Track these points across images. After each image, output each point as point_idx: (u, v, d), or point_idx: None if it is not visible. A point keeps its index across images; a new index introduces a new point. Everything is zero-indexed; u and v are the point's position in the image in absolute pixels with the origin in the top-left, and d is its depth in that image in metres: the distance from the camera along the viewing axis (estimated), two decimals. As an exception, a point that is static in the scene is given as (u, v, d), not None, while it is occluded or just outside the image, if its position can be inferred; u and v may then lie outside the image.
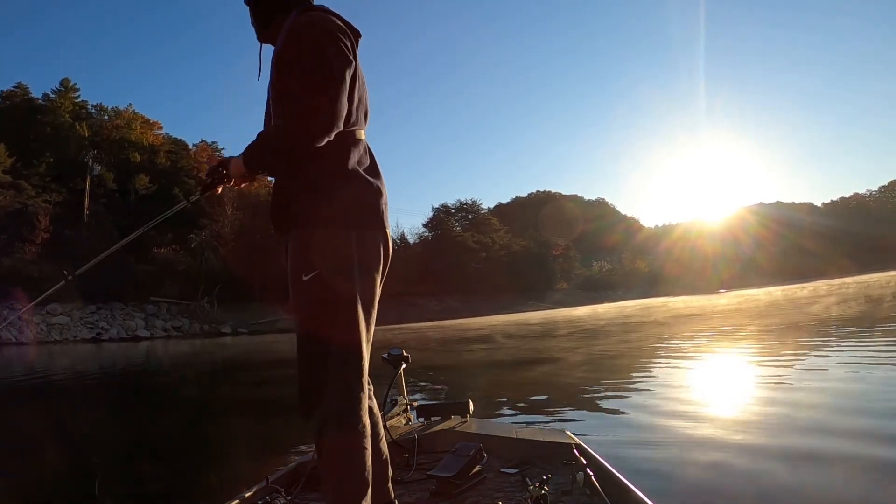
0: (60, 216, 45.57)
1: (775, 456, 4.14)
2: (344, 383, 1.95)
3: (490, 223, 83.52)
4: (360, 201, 2.04)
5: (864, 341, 10.50)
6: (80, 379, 15.45)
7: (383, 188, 2.15)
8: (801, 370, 8.02)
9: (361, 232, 2.02)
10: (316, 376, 1.95)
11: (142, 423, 7.96)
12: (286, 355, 14.94)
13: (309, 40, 1.93)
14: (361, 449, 1.95)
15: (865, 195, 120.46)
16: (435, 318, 47.09)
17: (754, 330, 15.58)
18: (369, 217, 2.06)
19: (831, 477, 3.65)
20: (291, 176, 2.03)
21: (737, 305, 30.13)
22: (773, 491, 3.49)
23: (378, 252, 2.08)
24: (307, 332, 1.98)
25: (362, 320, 1.99)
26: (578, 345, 15.51)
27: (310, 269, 1.95)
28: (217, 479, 4.76)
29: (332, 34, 1.96)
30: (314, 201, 1.98)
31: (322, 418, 1.92)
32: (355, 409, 1.96)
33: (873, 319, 14.67)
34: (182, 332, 45.19)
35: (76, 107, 59.68)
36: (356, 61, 2.04)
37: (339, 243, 1.96)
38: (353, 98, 2.04)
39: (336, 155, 2.01)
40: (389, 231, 2.16)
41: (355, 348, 1.98)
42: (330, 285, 1.94)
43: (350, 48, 2.00)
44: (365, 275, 2.02)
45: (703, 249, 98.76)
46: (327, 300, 1.95)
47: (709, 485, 3.65)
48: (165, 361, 21.79)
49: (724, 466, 4.01)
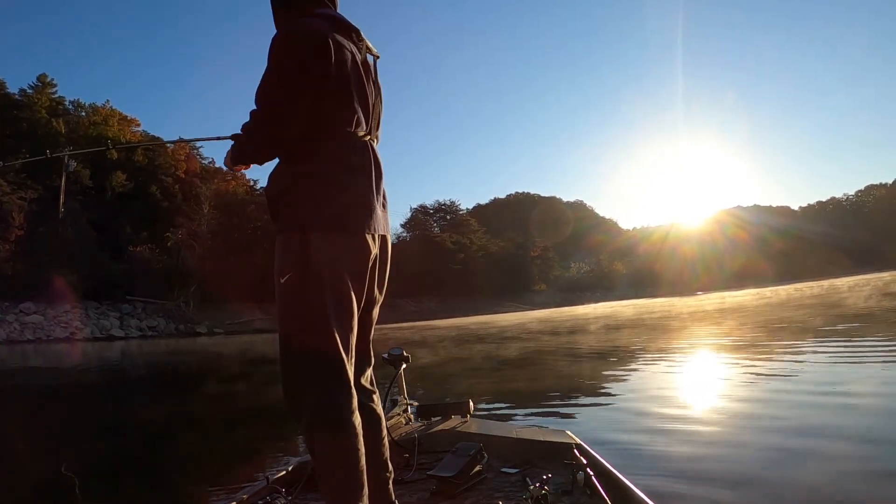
0: (35, 213, 44.75)
1: (775, 455, 4.20)
2: (321, 384, 1.97)
3: (468, 224, 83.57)
4: (335, 204, 2.04)
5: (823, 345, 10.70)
6: (80, 376, 15.35)
7: (371, 188, 2.15)
8: (792, 371, 8.17)
9: (333, 235, 2.03)
10: (296, 378, 1.98)
11: (141, 422, 7.88)
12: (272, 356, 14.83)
13: (274, 51, 2.01)
14: (352, 449, 1.96)
15: (843, 199, 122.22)
16: (411, 319, 46.91)
17: (734, 331, 15.76)
18: (343, 220, 2.06)
19: (830, 477, 3.70)
20: (274, 175, 2.11)
21: (717, 306, 30.45)
22: (774, 491, 3.54)
23: (355, 254, 2.08)
24: (285, 333, 2.02)
25: (337, 323, 2.01)
26: (565, 344, 15.57)
27: (286, 272, 1.99)
28: (217, 479, 4.72)
29: (297, 47, 2.01)
30: (290, 205, 2.02)
31: (307, 420, 1.95)
32: (338, 409, 1.97)
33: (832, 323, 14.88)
34: (157, 331, 44.47)
35: (53, 103, 58.65)
36: (340, 62, 2.06)
37: (310, 247, 1.98)
38: (329, 96, 2.06)
39: (311, 155, 2.05)
40: (374, 232, 2.14)
41: (330, 349, 1.99)
42: (303, 287, 1.98)
43: (318, 51, 2.01)
44: (337, 278, 2.02)
45: (681, 252, 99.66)
46: (300, 302, 1.99)
47: (708, 485, 3.67)
48: (140, 360, 21.59)
49: (724, 466, 4.05)
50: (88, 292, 42.59)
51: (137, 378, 15.25)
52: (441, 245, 71.92)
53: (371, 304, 2.26)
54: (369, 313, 2.27)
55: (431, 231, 78.78)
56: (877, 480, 3.59)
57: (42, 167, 45.78)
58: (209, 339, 37.19)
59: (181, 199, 58.27)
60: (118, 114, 62.81)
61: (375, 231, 2.13)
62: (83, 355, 24.58)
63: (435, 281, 65.75)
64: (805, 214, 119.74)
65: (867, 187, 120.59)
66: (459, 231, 79.23)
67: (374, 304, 2.29)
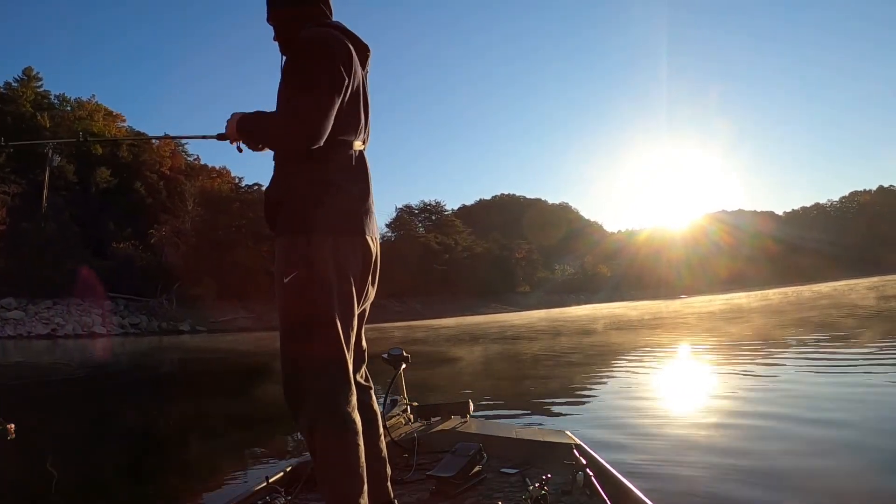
0: (18, 208, 44.24)
1: (775, 455, 4.24)
2: (324, 383, 2.01)
3: (453, 225, 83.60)
4: (341, 208, 2.12)
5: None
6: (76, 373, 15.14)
7: (368, 194, 2.25)
8: (792, 370, 8.30)
9: (339, 237, 2.10)
10: (298, 377, 2.02)
11: (135, 422, 7.81)
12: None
13: (305, 52, 2.07)
14: (353, 446, 2.00)
15: (827, 205, 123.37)
16: (395, 319, 46.82)
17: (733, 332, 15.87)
18: (349, 223, 2.14)
19: (832, 477, 3.73)
20: (278, 180, 2.16)
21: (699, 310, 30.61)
22: (774, 491, 3.56)
23: (357, 256, 2.16)
24: (289, 332, 2.06)
25: (340, 322, 2.06)
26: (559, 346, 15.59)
27: (289, 273, 2.04)
28: (216, 479, 4.70)
29: (326, 49, 2.07)
30: (297, 208, 2.08)
31: (309, 418, 1.98)
32: (340, 407, 2.01)
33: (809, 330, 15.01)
34: (140, 329, 44.10)
35: (38, 97, 58.04)
36: (356, 75, 2.17)
37: (316, 249, 2.04)
38: (344, 108, 2.12)
39: (322, 162, 2.10)
40: (374, 235, 2.25)
41: (334, 349, 2.04)
42: (307, 288, 2.03)
43: (347, 63, 2.10)
44: (343, 278, 2.09)
45: (666, 255, 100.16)
46: (304, 303, 2.03)
47: (708, 485, 3.69)
48: (124, 359, 21.32)
49: (724, 466, 4.07)
50: (70, 289, 42.17)
51: (126, 376, 15.04)
52: (426, 245, 71.86)
53: (366, 303, 2.34)
54: (364, 312, 2.35)
55: (416, 231, 78.68)
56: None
57: (26, 162, 45.33)
58: (193, 338, 36.92)
59: (165, 195, 57.87)
60: (103, 108, 62.36)
61: (374, 234, 2.26)
62: (65, 352, 24.31)
63: (419, 281, 65.63)
64: (790, 220, 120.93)
65: (851, 193, 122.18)
66: (444, 232, 79.24)
67: (368, 302, 2.37)
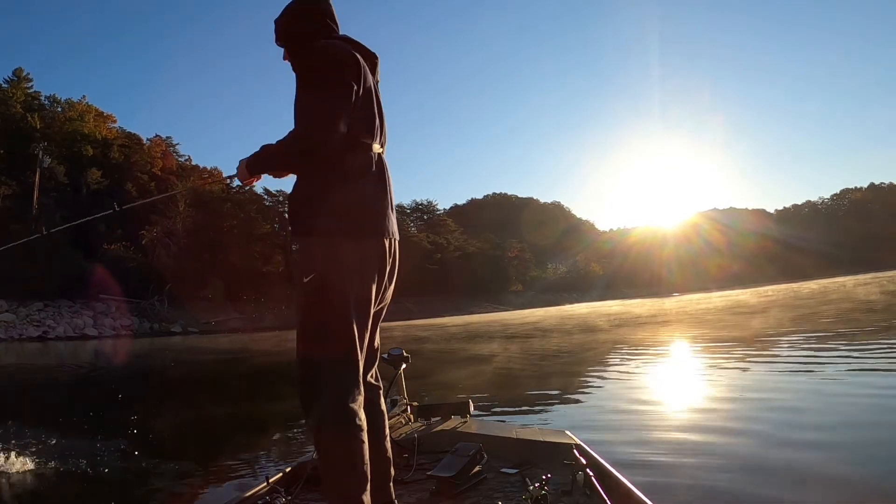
0: (9, 209, 43.97)
1: (776, 455, 4.26)
2: (339, 382, 2.05)
3: (446, 224, 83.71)
4: (359, 210, 2.17)
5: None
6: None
7: (386, 196, 2.28)
8: (792, 371, 8.28)
9: (357, 239, 2.13)
10: (313, 375, 2.06)
11: (135, 423, 7.77)
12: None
13: (311, 63, 2.14)
14: (357, 445, 2.03)
15: (818, 203, 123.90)
16: (387, 319, 46.69)
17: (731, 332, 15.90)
18: (366, 225, 2.17)
19: (834, 476, 3.76)
20: (300, 184, 2.19)
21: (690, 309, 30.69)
22: (775, 490, 3.58)
23: (374, 257, 2.19)
24: (304, 332, 2.10)
25: (356, 322, 2.10)
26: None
27: (308, 273, 2.07)
28: (216, 479, 4.70)
29: (330, 58, 2.14)
30: (316, 211, 2.11)
31: (319, 415, 2.02)
32: (351, 406, 2.04)
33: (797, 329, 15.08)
34: (131, 330, 43.98)
35: (29, 97, 57.61)
36: (366, 80, 2.23)
37: (335, 250, 2.08)
38: (358, 112, 2.18)
39: (339, 166, 2.14)
40: (392, 237, 2.27)
41: (350, 348, 2.09)
42: (326, 289, 2.07)
43: (355, 69, 2.17)
44: (360, 279, 2.13)
45: (658, 253, 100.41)
46: (323, 303, 2.08)
47: (707, 484, 3.71)
48: (118, 360, 21.24)
49: (724, 466, 4.09)
50: (61, 291, 42.00)
51: (120, 378, 15.02)
52: (418, 245, 71.79)
53: (382, 303, 2.37)
54: (380, 312, 2.38)
55: (408, 231, 78.64)
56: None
57: (17, 163, 45.10)
58: (185, 339, 36.81)
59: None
60: (94, 109, 61.99)
61: (393, 236, 2.28)
62: (57, 354, 24.23)
63: (411, 281, 65.54)
64: (782, 217, 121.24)
65: (842, 191, 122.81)
66: (436, 231, 79.35)
67: (385, 303, 2.40)
